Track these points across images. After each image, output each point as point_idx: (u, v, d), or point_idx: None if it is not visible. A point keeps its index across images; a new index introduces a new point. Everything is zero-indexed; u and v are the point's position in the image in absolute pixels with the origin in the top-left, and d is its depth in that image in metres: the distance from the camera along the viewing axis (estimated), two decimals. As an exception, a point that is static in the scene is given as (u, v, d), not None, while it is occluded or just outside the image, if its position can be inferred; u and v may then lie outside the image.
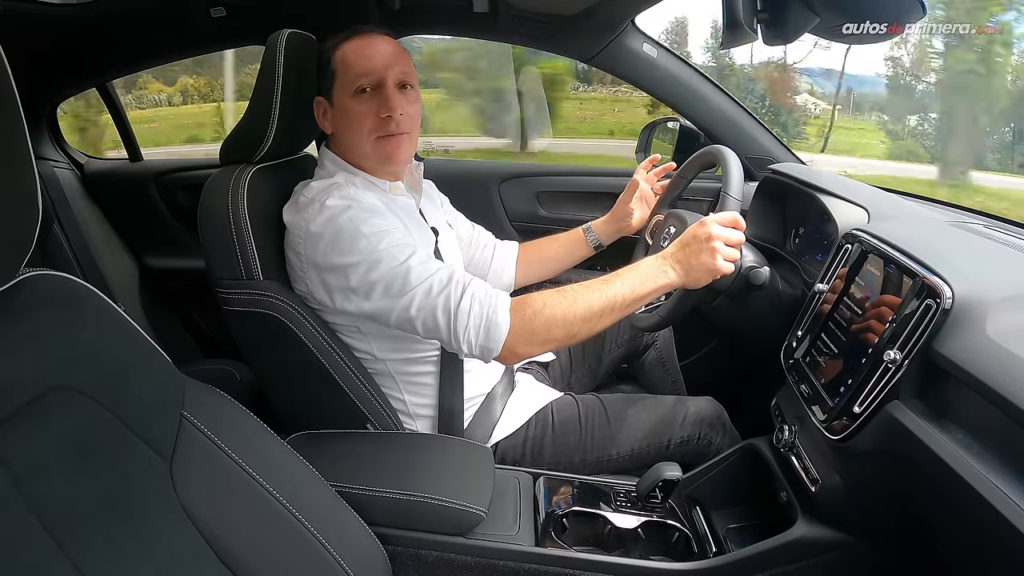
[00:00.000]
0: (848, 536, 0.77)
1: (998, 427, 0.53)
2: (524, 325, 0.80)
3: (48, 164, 1.55)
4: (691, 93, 1.35)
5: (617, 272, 0.85)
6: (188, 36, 1.36)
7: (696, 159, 1.06)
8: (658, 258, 0.86)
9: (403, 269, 0.81)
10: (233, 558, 0.54)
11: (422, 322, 0.81)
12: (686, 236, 0.86)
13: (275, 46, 0.87)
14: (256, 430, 0.62)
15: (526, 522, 0.85)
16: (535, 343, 0.81)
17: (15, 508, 0.43)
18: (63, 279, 0.51)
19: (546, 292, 0.83)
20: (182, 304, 1.71)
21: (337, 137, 0.94)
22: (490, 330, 0.79)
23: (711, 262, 0.83)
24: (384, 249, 0.81)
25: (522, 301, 0.82)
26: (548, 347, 0.85)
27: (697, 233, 0.84)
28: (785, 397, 0.92)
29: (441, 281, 0.81)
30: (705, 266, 0.83)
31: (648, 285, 0.83)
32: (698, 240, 0.84)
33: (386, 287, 0.81)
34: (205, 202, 0.88)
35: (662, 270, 0.84)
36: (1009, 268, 0.72)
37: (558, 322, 0.80)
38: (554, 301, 0.81)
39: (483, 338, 0.79)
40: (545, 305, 0.81)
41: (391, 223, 0.84)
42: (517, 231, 1.49)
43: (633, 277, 0.84)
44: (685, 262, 0.84)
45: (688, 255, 0.84)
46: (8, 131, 0.42)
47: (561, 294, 0.82)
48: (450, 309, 0.79)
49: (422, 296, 0.80)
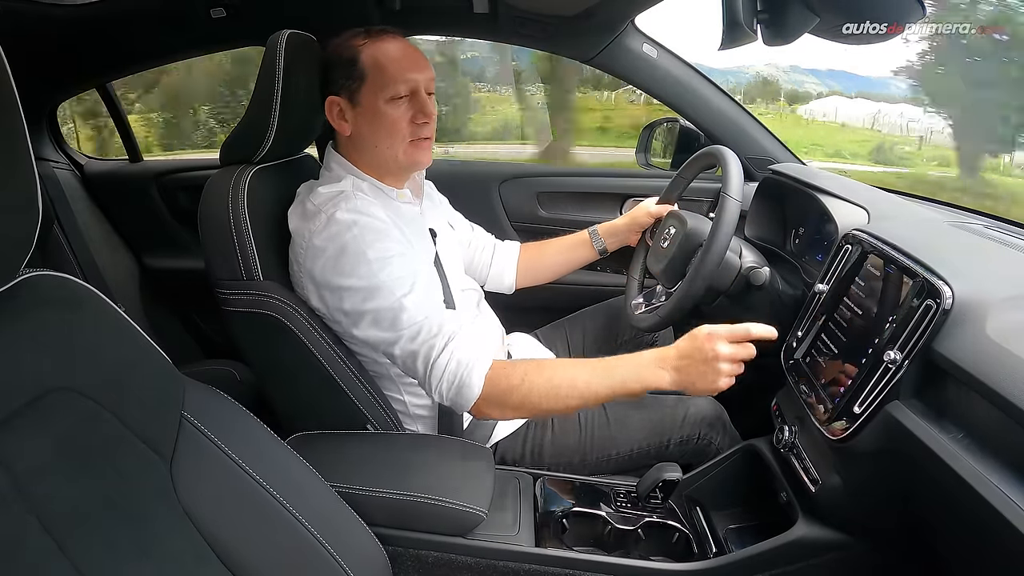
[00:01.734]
0: (848, 536, 0.77)
1: (998, 427, 0.53)
2: (497, 394, 0.80)
3: (48, 164, 1.55)
4: (691, 93, 1.35)
5: (609, 361, 0.81)
6: (188, 37, 1.36)
7: (696, 159, 1.06)
8: (657, 356, 0.81)
9: (397, 306, 0.81)
10: (233, 558, 0.54)
11: (402, 361, 0.84)
12: (691, 348, 0.79)
13: (275, 46, 0.87)
14: (256, 431, 0.62)
15: (526, 523, 0.85)
16: (506, 410, 0.83)
17: (15, 508, 0.43)
18: (63, 280, 0.51)
19: (532, 364, 0.82)
20: (182, 304, 1.71)
21: (357, 139, 0.91)
22: (461, 390, 0.80)
23: (710, 382, 0.78)
24: (383, 280, 0.81)
25: (502, 370, 0.81)
26: (520, 415, 0.89)
27: (702, 348, 0.77)
28: (785, 397, 0.92)
29: (429, 331, 0.81)
30: (702, 385, 0.78)
31: (638, 383, 0.80)
32: (703, 356, 0.77)
33: (375, 319, 0.82)
34: (205, 203, 0.88)
35: (657, 373, 0.79)
36: (1009, 268, 0.72)
37: (534, 398, 0.80)
38: (535, 382, 0.80)
39: (454, 395, 0.81)
40: (523, 383, 0.80)
41: (395, 247, 0.84)
42: (517, 231, 1.49)
43: (625, 372, 0.80)
44: (684, 371, 0.79)
45: (688, 366, 0.79)
46: (8, 131, 0.42)
47: (545, 376, 0.80)
48: (429, 360, 0.81)
49: (407, 340, 0.82)
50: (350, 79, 0.88)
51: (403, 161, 0.91)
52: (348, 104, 0.90)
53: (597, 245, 1.19)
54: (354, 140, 0.92)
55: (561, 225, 1.47)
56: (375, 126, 0.89)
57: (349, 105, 0.90)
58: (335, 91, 0.90)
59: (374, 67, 0.87)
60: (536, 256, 1.21)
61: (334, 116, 0.91)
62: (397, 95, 0.87)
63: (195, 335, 1.73)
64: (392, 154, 0.90)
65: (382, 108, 0.88)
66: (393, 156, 0.90)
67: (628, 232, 1.17)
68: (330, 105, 0.91)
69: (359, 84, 0.88)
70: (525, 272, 1.21)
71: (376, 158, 0.92)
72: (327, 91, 0.91)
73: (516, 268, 1.20)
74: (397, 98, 0.88)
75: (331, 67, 0.90)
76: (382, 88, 0.87)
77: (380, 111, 0.88)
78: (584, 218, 1.46)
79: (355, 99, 0.89)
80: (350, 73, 0.88)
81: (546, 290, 1.26)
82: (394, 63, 0.87)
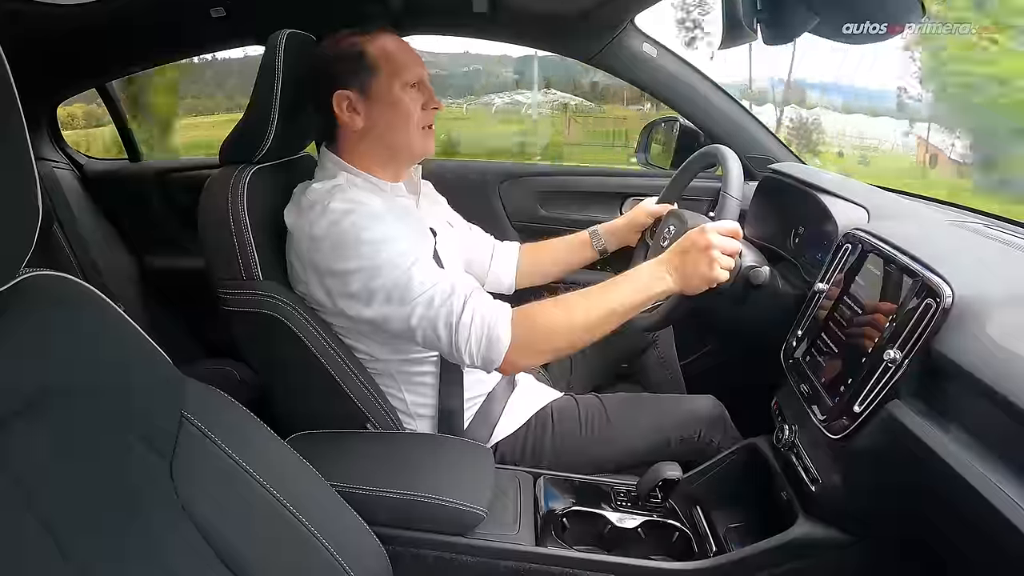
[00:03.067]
0: (848, 535, 0.77)
1: (998, 426, 0.53)
2: (525, 338, 0.81)
3: (48, 164, 1.55)
4: (691, 93, 1.35)
5: (614, 279, 0.86)
6: (188, 36, 1.36)
7: (696, 158, 1.06)
8: (655, 263, 0.86)
9: (405, 278, 0.81)
10: (233, 558, 0.54)
11: (422, 332, 0.82)
12: (684, 243, 0.85)
13: (275, 46, 0.87)
14: (256, 430, 0.62)
15: (526, 522, 0.85)
16: (536, 354, 0.85)
17: (15, 508, 0.43)
18: (63, 279, 0.51)
19: (545, 303, 0.85)
20: (182, 304, 1.70)
21: (371, 131, 0.91)
22: (491, 343, 0.80)
23: (708, 270, 0.83)
24: (386, 256, 0.81)
25: (523, 313, 0.83)
26: (549, 357, 0.90)
27: (695, 240, 0.84)
28: (785, 397, 0.92)
29: (443, 292, 0.81)
30: (702, 274, 0.83)
31: (645, 291, 0.84)
32: (696, 248, 0.84)
33: (387, 295, 0.82)
34: (205, 202, 0.88)
35: (659, 276, 0.85)
36: (1009, 268, 0.72)
37: (558, 333, 0.83)
38: (553, 312, 0.83)
39: (484, 351, 0.81)
40: (545, 317, 0.82)
41: (394, 229, 0.84)
42: (517, 231, 1.49)
43: (630, 283, 0.85)
44: (682, 269, 0.84)
45: (685, 262, 0.84)
46: (8, 131, 0.42)
47: (560, 304, 0.84)
48: (452, 322, 0.80)
49: (423, 307, 0.81)
50: (360, 72, 0.89)
51: (417, 147, 0.93)
52: (359, 96, 0.90)
53: (597, 245, 1.19)
54: (365, 132, 0.91)
55: (561, 225, 1.47)
56: (392, 114, 0.90)
57: (360, 97, 0.90)
58: (343, 85, 0.89)
59: (384, 58, 0.89)
60: (536, 256, 1.21)
61: (344, 110, 0.90)
62: (411, 81, 0.90)
63: (195, 335, 1.73)
64: (407, 140, 0.92)
65: (398, 95, 0.89)
66: (408, 143, 0.92)
67: (628, 232, 1.17)
68: (339, 99, 0.89)
69: (370, 75, 0.89)
70: (525, 272, 1.21)
71: (390, 147, 0.93)
72: (333, 86, 0.89)
73: (515, 268, 1.20)
74: (411, 85, 0.90)
75: (335, 63, 0.90)
76: (398, 74, 0.89)
77: (397, 98, 0.89)
78: (584, 218, 1.46)
79: (367, 90, 0.89)
80: (359, 66, 0.89)
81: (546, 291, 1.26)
82: (404, 54, 0.91)
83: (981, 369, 0.55)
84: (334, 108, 0.90)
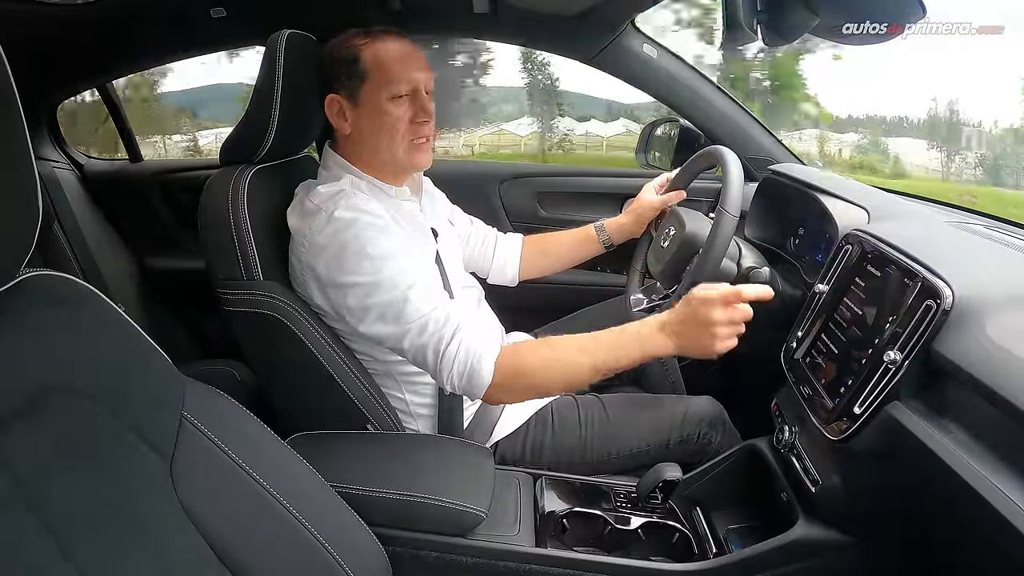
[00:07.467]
0: (849, 536, 0.77)
1: (998, 427, 0.53)
2: (506, 380, 0.82)
3: (48, 164, 1.55)
4: (691, 93, 1.35)
5: (611, 332, 0.83)
6: (188, 36, 1.36)
7: (696, 159, 1.06)
8: (658, 325, 0.83)
9: (402, 300, 0.81)
10: (233, 558, 0.54)
11: (412, 355, 0.84)
12: (688, 312, 0.80)
13: (275, 46, 0.87)
14: (256, 430, 0.62)
15: (526, 522, 0.85)
16: (516, 395, 0.88)
17: (15, 508, 0.43)
18: (63, 279, 0.51)
19: (536, 347, 0.86)
20: (182, 304, 1.70)
21: (358, 138, 0.91)
22: (472, 378, 0.81)
23: (710, 344, 0.80)
24: (387, 274, 0.81)
25: (509, 355, 0.82)
26: (529, 398, 0.93)
27: (697, 315, 0.79)
28: (785, 397, 0.92)
29: (437, 321, 0.82)
30: (703, 347, 0.81)
31: (640, 354, 0.82)
32: (697, 322, 0.80)
33: (381, 314, 0.82)
34: (205, 202, 0.88)
35: (660, 341, 0.82)
36: (1009, 268, 0.72)
37: (540, 385, 0.85)
38: (539, 361, 0.83)
39: (466, 384, 0.82)
40: (530, 363, 0.83)
41: (396, 243, 0.84)
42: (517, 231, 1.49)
43: (625, 346, 0.82)
44: (683, 336, 0.81)
45: (687, 330, 0.81)
46: (8, 131, 0.42)
47: (553, 353, 0.83)
48: (439, 351, 0.81)
49: (415, 334, 0.82)
50: (351, 78, 0.88)
51: (403, 161, 0.91)
52: (348, 103, 0.90)
53: (602, 237, 1.19)
54: (354, 139, 0.92)
55: (561, 225, 1.46)
56: (376, 125, 0.89)
57: (349, 104, 0.90)
58: (336, 90, 0.90)
59: (376, 65, 0.87)
60: (540, 248, 1.21)
61: (334, 115, 0.91)
62: (398, 93, 0.88)
63: (195, 335, 1.73)
64: (392, 154, 0.90)
65: (383, 106, 0.88)
66: (393, 156, 0.90)
67: (634, 226, 1.17)
68: (330, 103, 0.90)
69: (360, 83, 0.88)
70: (528, 264, 1.21)
71: (376, 157, 0.92)
72: (327, 90, 0.90)
73: (519, 259, 1.20)
74: (398, 97, 0.88)
75: (331, 66, 0.90)
76: (384, 86, 0.87)
77: (381, 109, 0.88)
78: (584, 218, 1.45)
79: (356, 98, 0.89)
80: (351, 72, 0.88)
81: (546, 290, 1.26)
82: (396, 62, 0.88)
83: (981, 370, 0.55)
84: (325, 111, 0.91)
